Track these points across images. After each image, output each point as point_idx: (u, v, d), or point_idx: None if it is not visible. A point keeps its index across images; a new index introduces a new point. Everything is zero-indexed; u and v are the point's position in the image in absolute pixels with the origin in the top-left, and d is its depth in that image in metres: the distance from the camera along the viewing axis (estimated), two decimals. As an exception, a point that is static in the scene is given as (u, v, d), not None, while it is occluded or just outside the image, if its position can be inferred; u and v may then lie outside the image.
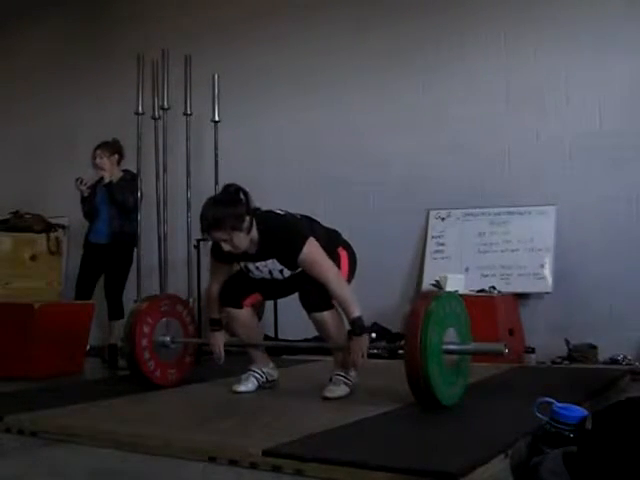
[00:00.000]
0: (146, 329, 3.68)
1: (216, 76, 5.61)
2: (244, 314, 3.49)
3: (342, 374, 3.37)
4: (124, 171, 5.35)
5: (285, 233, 3.24)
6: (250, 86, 6.07)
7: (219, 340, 3.58)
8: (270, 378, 3.62)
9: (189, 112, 5.69)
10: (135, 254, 5.50)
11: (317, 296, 3.24)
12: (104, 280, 5.06)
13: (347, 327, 3.32)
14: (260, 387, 3.55)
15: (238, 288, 3.47)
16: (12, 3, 7.39)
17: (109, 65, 6.79)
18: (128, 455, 2.46)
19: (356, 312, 3.17)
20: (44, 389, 3.79)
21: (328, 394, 3.26)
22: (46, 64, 7.24)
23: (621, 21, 4.93)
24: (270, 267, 3.32)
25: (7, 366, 4.31)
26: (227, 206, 3.17)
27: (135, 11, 6.90)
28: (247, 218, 3.18)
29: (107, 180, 5.13)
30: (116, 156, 5.30)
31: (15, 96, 7.37)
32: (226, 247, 3.19)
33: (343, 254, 3.45)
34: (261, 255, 3.30)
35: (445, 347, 2.98)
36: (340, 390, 3.30)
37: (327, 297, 3.24)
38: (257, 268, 3.35)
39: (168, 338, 3.77)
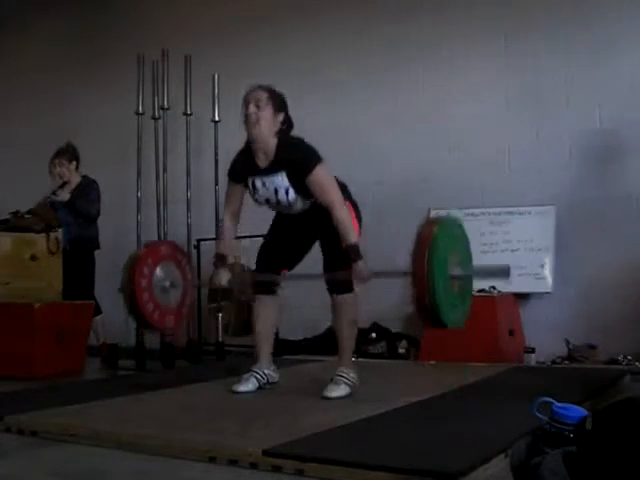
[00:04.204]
0: (146, 270, 3.58)
1: (216, 76, 5.62)
2: (274, 300, 3.60)
3: (343, 374, 3.37)
4: (83, 177, 5.33)
5: (302, 149, 3.33)
6: (250, 86, 6.07)
7: (222, 277, 3.58)
8: (271, 380, 3.61)
9: (189, 112, 5.70)
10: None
11: (341, 279, 3.34)
12: (68, 284, 5.05)
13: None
14: (260, 388, 3.55)
15: (271, 263, 3.53)
16: (12, 3, 7.40)
17: (109, 65, 6.79)
18: (128, 455, 2.46)
19: (353, 239, 3.24)
20: (44, 389, 3.79)
21: (328, 394, 3.27)
22: (46, 64, 7.24)
23: (621, 21, 4.93)
24: (277, 184, 3.33)
25: (7, 366, 4.31)
26: (276, 90, 3.42)
27: (135, 11, 6.91)
28: (282, 115, 3.37)
29: (66, 198, 5.15)
30: (74, 162, 5.30)
31: (15, 96, 7.38)
32: (251, 109, 3.30)
33: (350, 209, 3.47)
34: (271, 168, 3.34)
35: (451, 269, 3.02)
36: (340, 390, 3.30)
37: (349, 280, 3.35)
38: (264, 185, 3.37)
39: (168, 282, 3.68)
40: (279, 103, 3.40)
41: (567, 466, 1.73)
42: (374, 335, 5.10)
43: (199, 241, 5.66)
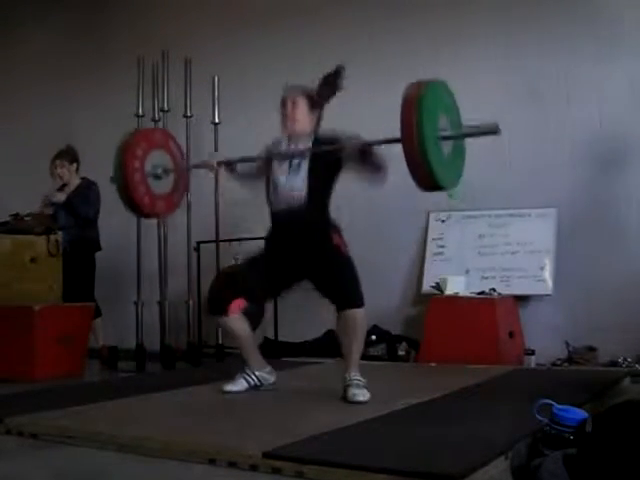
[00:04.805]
0: (139, 152, 3.50)
1: (216, 78, 5.62)
2: (241, 318, 3.46)
3: (360, 379, 3.29)
4: (82, 179, 5.38)
5: (337, 134, 3.55)
6: (250, 87, 6.07)
7: (213, 158, 3.76)
8: (264, 382, 3.56)
9: (189, 114, 5.70)
10: (136, 257, 5.52)
11: (352, 292, 3.32)
12: (69, 286, 5.05)
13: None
14: (250, 388, 3.51)
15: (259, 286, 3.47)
16: (12, 3, 7.40)
17: (109, 67, 6.79)
18: (128, 457, 2.46)
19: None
20: (44, 391, 3.78)
21: (357, 398, 3.16)
22: (46, 65, 7.24)
23: (621, 21, 4.93)
24: (298, 146, 3.49)
25: (7, 368, 4.31)
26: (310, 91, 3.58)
27: (135, 12, 6.91)
28: (317, 112, 3.60)
29: (62, 199, 5.19)
30: (75, 164, 5.36)
31: (14, 97, 7.37)
32: (289, 104, 3.50)
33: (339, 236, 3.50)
34: (300, 144, 3.51)
35: (440, 129, 3.06)
36: (365, 394, 3.21)
37: (360, 294, 3.32)
38: (287, 146, 3.52)
39: (160, 169, 3.60)
40: (311, 100, 3.58)
41: (567, 468, 1.73)
42: (374, 337, 5.10)
43: (199, 243, 5.66)
